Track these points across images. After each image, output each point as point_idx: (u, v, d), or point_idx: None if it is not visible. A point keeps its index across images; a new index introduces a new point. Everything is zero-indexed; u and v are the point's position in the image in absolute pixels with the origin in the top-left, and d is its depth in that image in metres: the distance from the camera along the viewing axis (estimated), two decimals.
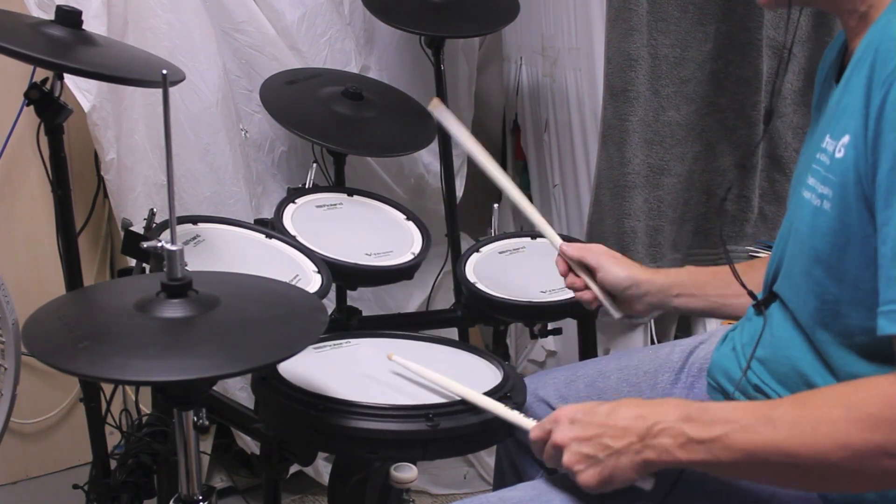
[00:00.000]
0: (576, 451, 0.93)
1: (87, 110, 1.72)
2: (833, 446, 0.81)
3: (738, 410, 0.88)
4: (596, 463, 0.91)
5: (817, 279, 0.93)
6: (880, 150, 0.83)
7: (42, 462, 2.00)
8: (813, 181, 0.94)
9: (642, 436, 0.89)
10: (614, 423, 0.91)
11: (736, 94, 2.00)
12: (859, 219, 0.87)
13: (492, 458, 1.87)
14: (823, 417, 0.82)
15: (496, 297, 1.53)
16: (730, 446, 0.85)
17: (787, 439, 0.82)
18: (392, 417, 1.05)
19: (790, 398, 0.91)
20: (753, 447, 0.84)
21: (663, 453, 0.89)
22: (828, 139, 0.92)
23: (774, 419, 0.84)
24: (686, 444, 0.87)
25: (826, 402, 0.83)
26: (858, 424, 0.80)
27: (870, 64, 0.85)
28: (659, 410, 0.90)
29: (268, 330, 0.96)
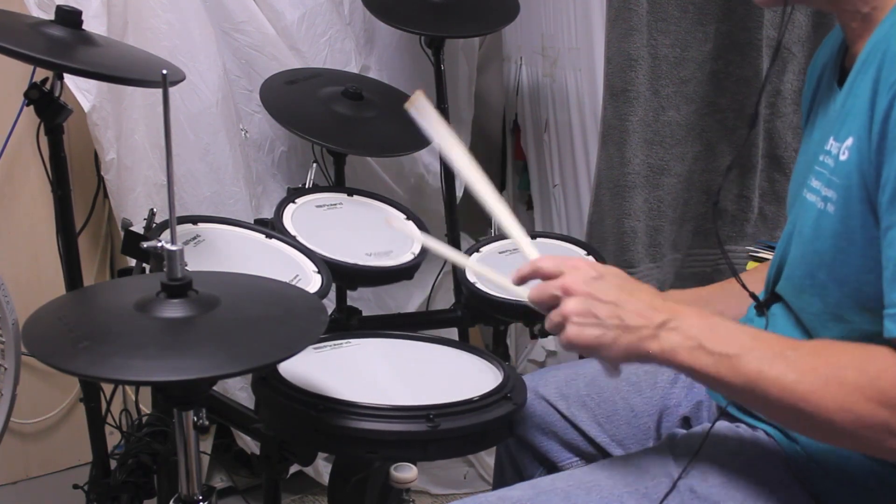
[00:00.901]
0: (586, 307, 0.89)
1: (87, 110, 1.72)
2: (838, 407, 0.81)
3: (757, 339, 0.87)
4: (600, 326, 0.89)
5: (820, 282, 0.93)
6: (886, 153, 0.83)
7: (42, 462, 2.00)
8: (817, 183, 0.94)
9: (658, 325, 0.88)
10: (637, 300, 0.89)
11: (736, 94, 2.00)
12: (863, 222, 0.87)
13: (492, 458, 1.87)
14: (836, 375, 0.82)
15: (496, 297, 1.53)
16: (737, 368, 0.85)
17: (796, 383, 0.82)
18: (392, 418, 1.05)
19: (810, 344, 0.90)
20: (760, 377, 0.84)
21: (668, 350, 0.88)
22: (832, 142, 0.92)
23: (789, 358, 0.84)
24: (695, 349, 0.87)
25: (842, 361, 0.83)
26: (867, 394, 0.80)
27: (876, 67, 0.85)
28: (684, 311, 0.89)
29: (268, 330, 0.96)
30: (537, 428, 1.24)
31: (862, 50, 0.92)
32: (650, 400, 1.22)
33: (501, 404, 1.10)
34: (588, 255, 1.69)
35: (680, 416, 1.21)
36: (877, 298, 0.85)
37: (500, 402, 1.11)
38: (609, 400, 1.24)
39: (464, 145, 1.20)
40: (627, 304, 0.89)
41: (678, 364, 0.88)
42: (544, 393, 1.27)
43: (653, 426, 1.21)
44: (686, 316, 0.89)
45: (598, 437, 1.22)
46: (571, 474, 1.03)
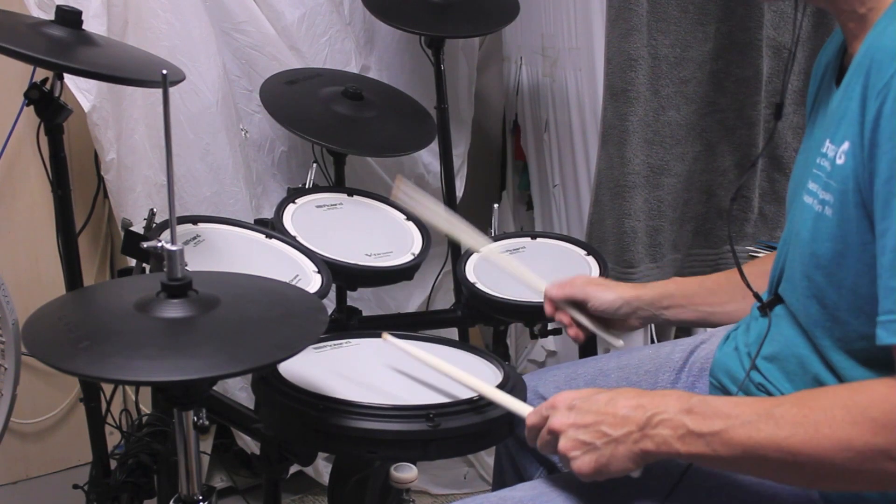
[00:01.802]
0: (572, 438, 0.92)
1: (87, 110, 1.72)
2: (835, 447, 0.81)
3: (739, 406, 0.88)
4: (592, 450, 0.91)
5: (818, 284, 0.93)
6: (876, 160, 0.83)
7: (42, 462, 2.00)
8: (814, 186, 0.94)
9: (642, 426, 0.89)
10: (614, 412, 0.91)
11: (736, 94, 2.00)
12: (858, 226, 0.87)
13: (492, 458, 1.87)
14: (825, 418, 0.82)
15: (496, 297, 1.53)
16: (729, 441, 0.85)
17: (788, 438, 0.82)
18: (392, 417, 1.05)
19: (792, 396, 0.91)
20: (753, 443, 0.84)
21: (662, 444, 0.88)
22: (829, 144, 0.92)
23: (776, 416, 0.84)
24: (685, 436, 0.87)
25: (828, 403, 0.83)
26: (860, 427, 0.80)
27: (866, 72, 0.85)
28: (659, 401, 0.90)
29: (268, 330, 0.96)
30: None
31: (857, 51, 0.92)
32: None
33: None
34: (588, 255, 1.69)
35: None
36: (871, 302, 0.86)
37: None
38: None
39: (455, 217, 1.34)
40: (607, 418, 0.91)
41: (676, 454, 0.89)
42: (544, 392, 1.27)
43: None
44: (665, 405, 0.90)
45: None
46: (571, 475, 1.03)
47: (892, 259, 0.81)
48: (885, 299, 0.82)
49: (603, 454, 0.91)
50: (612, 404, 0.92)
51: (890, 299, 0.82)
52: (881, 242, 0.83)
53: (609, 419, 0.91)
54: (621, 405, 0.91)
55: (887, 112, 0.82)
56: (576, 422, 0.92)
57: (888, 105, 0.82)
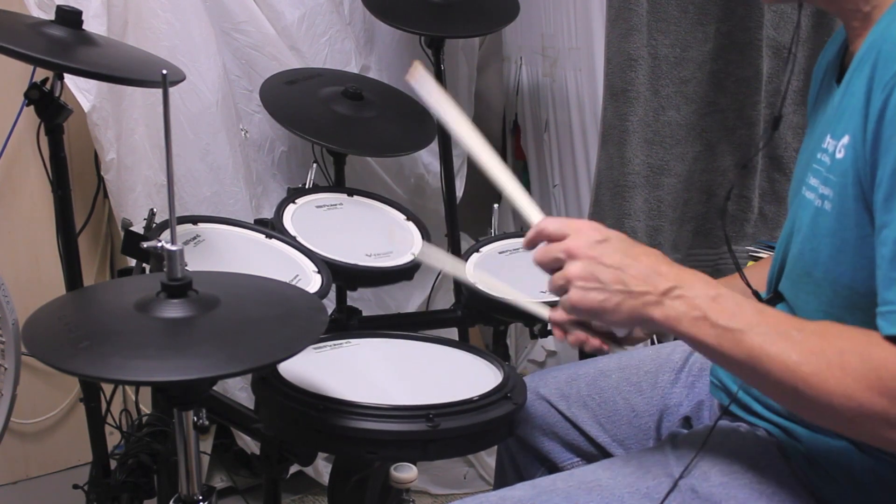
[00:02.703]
0: (589, 271, 0.89)
1: (87, 110, 1.72)
2: (839, 392, 0.80)
3: (762, 315, 0.86)
4: (602, 291, 0.89)
5: (816, 280, 0.93)
6: (880, 153, 0.83)
7: (42, 462, 2.00)
8: (814, 181, 0.94)
9: (662, 291, 0.88)
10: (642, 265, 0.89)
11: (736, 94, 2.00)
12: (857, 221, 0.87)
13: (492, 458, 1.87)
14: (839, 361, 0.81)
15: (496, 297, 1.53)
16: (740, 342, 0.84)
17: (798, 364, 0.82)
18: (392, 418, 1.05)
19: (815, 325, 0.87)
20: (762, 354, 0.84)
21: (671, 318, 0.87)
22: (829, 139, 0.92)
23: (794, 338, 0.83)
24: (699, 319, 0.86)
25: (847, 346, 0.82)
26: (868, 382, 0.80)
27: (871, 66, 0.85)
28: (688, 277, 0.88)
29: (268, 330, 0.96)
30: (538, 429, 1.24)
31: (860, 48, 0.92)
32: (651, 400, 1.22)
33: (501, 404, 1.10)
34: None
35: (681, 416, 1.21)
36: (868, 298, 0.86)
37: (500, 401, 1.11)
38: (610, 400, 1.24)
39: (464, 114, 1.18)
40: (632, 268, 0.89)
41: (680, 332, 0.87)
42: (545, 393, 1.27)
43: (653, 426, 1.21)
44: (692, 284, 0.88)
45: (599, 438, 1.22)
46: (572, 474, 1.03)
47: (892, 250, 0.81)
48: (885, 290, 0.82)
49: (610, 300, 0.88)
50: (641, 258, 0.89)
51: (891, 290, 0.81)
52: (883, 234, 0.82)
53: (634, 270, 0.88)
54: (650, 263, 0.89)
55: (893, 104, 0.81)
56: (599, 256, 0.89)
57: (894, 98, 0.81)
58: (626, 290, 0.88)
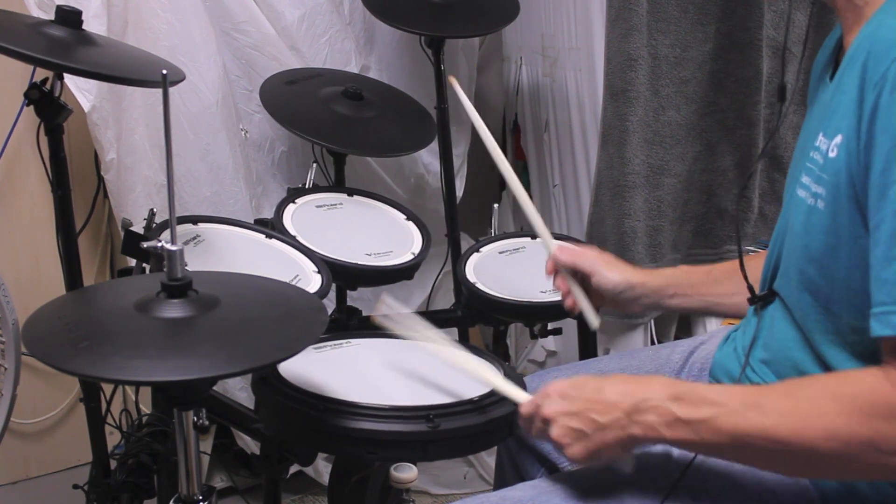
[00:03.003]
0: (563, 425, 0.94)
1: (87, 110, 1.72)
2: (822, 437, 0.81)
3: (726, 394, 0.89)
4: (583, 437, 0.93)
5: (810, 277, 0.93)
6: (873, 152, 0.83)
7: (42, 462, 2.00)
8: (807, 179, 0.94)
9: (629, 412, 0.91)
10: (602, 398, 0.93)
11: (736, 94, 2.00)
12: (850, 219, 0.87)
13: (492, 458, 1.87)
14: (813, 407, 0.83)
15: (496, 297, 1.53)
16: (716, 429, 0.86)
17: (776, 426, 0.83)
18: (392, 418, 1.05)
19: (780, 385, 0.92)
20: (740, 431, 0.85)
21: (649, 430, 0.90)
22: (821, 137, 0.92)
23: (763, 406, 0.85)
24: (672, 422, 0.88)
25: (816, 392, 0.84)
26: (847, 417, 0.81)
27: (862, 64, 0.85)
28: (647, 388, 0.92)
29: (268, 330, 0.96)
30: None
31: (851, 44, 0.92)
32: None
33: (501, 404, 1.10)
34: None
35: None
36: (863, 295, 0.86)
37: (500, 402, 1.10)
38: None
39: None
40: (596, 405, 0.93)
41: (664, 440, 0.90)
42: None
43: None
44: (652, 390, 0.91)
45: None
46: (572, 475, 1.04)
47: (885, 251, 0.81)
48: (878, 291, 0.82)
49: (592, 440, 0.92)
50: (601, 391, 0.93)
51: (883, 291, 0.82)
52: (875, 235, 0.83)
53: (597, 406, 0.92)
54: (610, 391, 0.93)
55: (884, 103, 0.82)
56: (566, 409, 0.94)
57: (885, 97, 0.82)
58: (599, 425, 0.92)
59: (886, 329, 0.81)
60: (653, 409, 0.89)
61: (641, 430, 0.90)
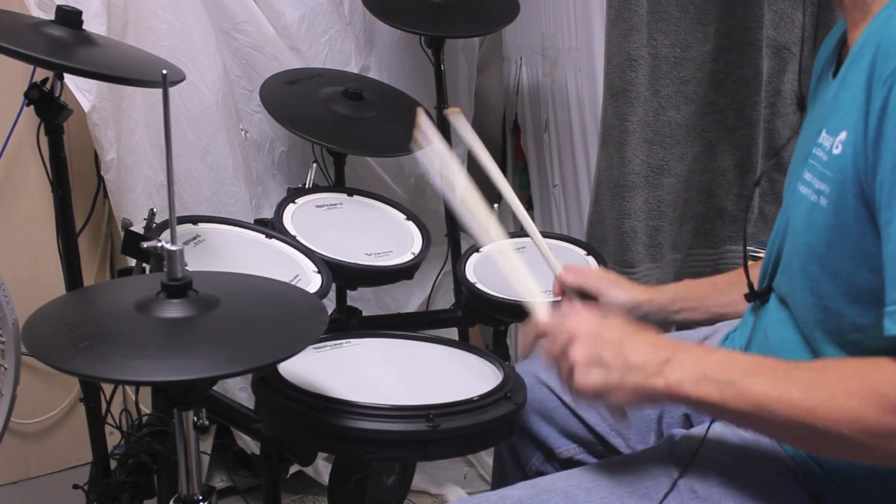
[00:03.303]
0: (590, 349, 0.91)
1: (87, 110, 1.72)
2: (845, 417, 0.81)
3: (758, 364, 0.88)
4: (605, 367, 0.90)
5: (812, 275, 0.93)
6: (882, 149, 0.82)
7: (42, 462, 2.00)
8: (809, 176, 0.94)
9: (662, 361, 0.89)
10: (640, 339, 0.91)
11: (736, 94, 2.00)
12: (856, 216, 0.87)
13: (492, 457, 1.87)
14: (840, 387, 0.82)
15: (496, 297, 1.53)
16: (742, 392, 0.85)
17: (802, 399, 0.82)
18: (392, 418, 1.05)
19: (809, 362, 0.90)
20: (766, 398, 0.84)
21: (674, 384, 0.88)
22: (825, 134, 0.92)
23: (792, 377, 0.84)
24: (700, 380, 0.87)
25: (844, 373, 0.84)
26: (872, 402, 0.80)
27: (870, 61, 0.85)
28: (684, 346, 0.91)
29: (268, 330, 0.96)
30: (537, 413, 1.24)
31: (856, 41, 0.92)
32: None
33: (501, 404, 1.10)
34: (588, 255, 1.69)
35: (681, 413, 1.21)
36: (868, 291, 0.85)
37: (499, 402, 1.11)
38: None
39: None
40: (631, 343, 0.91)
41: (684, 397, 0.89)
42: (546, 379, 1.26)
43: (654, 418, 1.21)
44: (688, 350, 0.90)
45: (598, 426, 1.22)
46: (571, 474, 1.03)
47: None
48: (892, 289, 0.81)
49: (613, 377, 0.90)
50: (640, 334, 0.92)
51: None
52: (886, 231, 0.82)
53: (634, 344, 0.90)
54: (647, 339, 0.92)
55: (894, 100, 0.81)
56: (600, 332, 0.91)
57: (895, 94, 0.81)
58: (627, 363, 0.90)
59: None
60: (683, 364, 0.88)
61: (665, 382, 0.88)
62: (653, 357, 0.89)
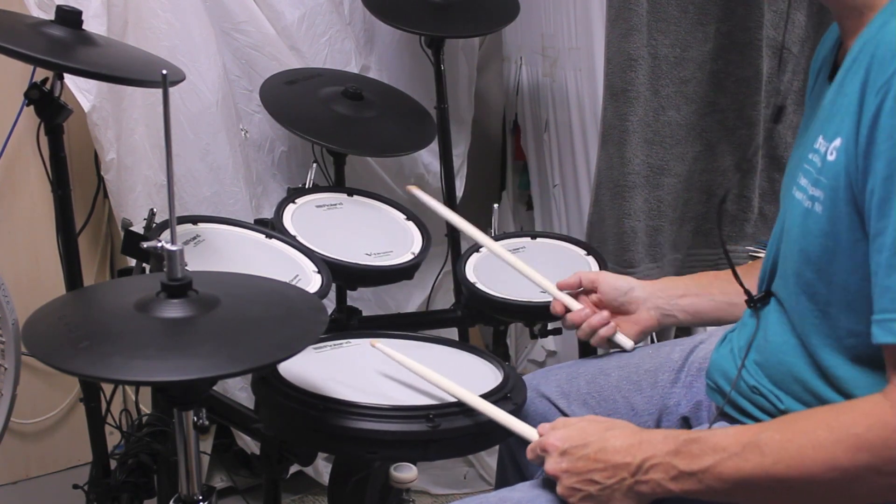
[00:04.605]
0: (568, 486, 0.95)
1: (87, 110, 1.72)
2: (821, 468, 0.82)
3: (726, 438, 0.89)
4: (589, 497, 0.94)
5: (807, 280, 0.93)
6: (873, 158, 0.83)
7: (42, 462, 2.00)
8: (804, 182, 0.94)
9: (633, 472, 0.91)
10: (604, 459, 0.93)
11: (736, 94, 2.00)
12: (849, 223, 0.87)
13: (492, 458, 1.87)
14: (809, 440, 0.83)
15: (496, 297, 1.53)
16: (720, 476, 0.87)
17: (775, 464, 0.84)
18: (392, 418, 1.05)
19: (776, 422, 0.93)
20: (743, 475, 0.86)
21: (656, 487, 0.91)
22: (821, 140, 0.92)
23: (761, 445, 0.85)
24: (677, 477, 0.89)
25: (811, 426, 0.85)
26: (844, 445, 0.81)
27: (865, 68, 0.85)
28: (647, 446, 0.92)
29: (268, 330, 0.96)
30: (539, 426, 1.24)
31: (852, 46, 0.92)
32: (650, 399, 1.22)
33: (501, 404, 1.10)
34: (588, 255, 1.69)
35: (680, 416, 1.21)
36: (861, 298, 0.86)
37: (500, 402, 1.10)
38: (610, 399, 1.24)
39: None
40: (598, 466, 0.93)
41: (672, 492, 0.91)
42: (545, 391, 1.27)
43: (653, 425, 1.21)
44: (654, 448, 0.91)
45: None
46: None
47: (888, 258, 0.81)
48: (880, 298, 0.82)
49: (600, 500, 0.93)
50: (602, 452, 0.93)
51: (886, 298, 0.82)
52: (878, 241, 0.82)
53: (600, 467, 0.93)
54: (611, 451, 0.93)
55: (887, 110, 0.81)
56: (569, 469, 0.95)
57: (888, 103, 0.81)
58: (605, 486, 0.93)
59: (888, 336, 0.81)
60: (656, 467, 0.90)
61: (649, 488, 0.91)
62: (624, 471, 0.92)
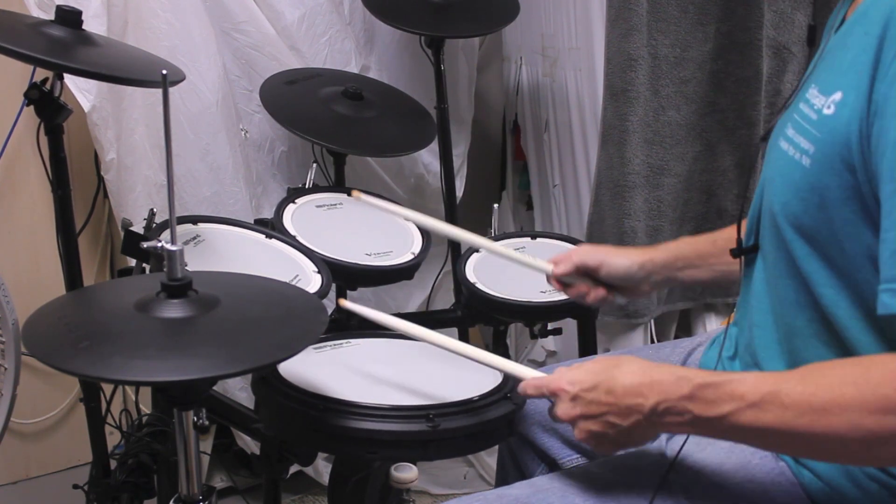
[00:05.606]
0: (584, 429, 0.92)
1: (87, 110, 1.72)
2: (846, 428, 0.78)
3: (743, 385, 0.84)
4: (608, 438, 0.91)
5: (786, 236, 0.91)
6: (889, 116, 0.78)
7: (42, 462, 2.00)
8: (793, 132, 0.91)
9: (647, 415, 0.88)
10: (617, 402, 0.90)
11: (736, 94, 2.00)
12: (840, 181, 0.84)
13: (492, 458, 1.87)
14: (835, 398, 0.79)
15: (496, 297, 1.53)
16: (736, 424, 0.84)
17: (797, 418, 0.80)
18: (392, 418, 1.05)
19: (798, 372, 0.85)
20: (762, 425, 0.82)
21: (672, 427, 0.89)
22: (814, 91, 0.88)
23: (782, 396, 0.81)
24: (693, 421, 0.87)
25: (837, 381, 0.80)
26: (872, 406, 0.77)
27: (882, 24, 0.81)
28: (658, 388, 0.88)
29: (268, 330, 0.96)
30: (539, 425, 1.24)
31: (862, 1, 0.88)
32: None
33: (501, 404, 1.10)
34: None
35: None
36: (841, 258, 0.84)
37: (500, 402, 1.11)
38: None
39: None
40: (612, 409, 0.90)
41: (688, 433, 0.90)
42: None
43: None
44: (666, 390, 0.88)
45: None
46: (569, 473, 1.04)
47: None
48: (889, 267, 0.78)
49: (618, 440, 0.91)
50: (612, 393, 0.90)
51: (894, 267, 0.78)
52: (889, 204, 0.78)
53: (615, 410, 0.90)
54: (621, 393, 0.90)
55: None
56: (583, 413, 0.92)
57: None
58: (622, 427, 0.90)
59: None
60: (670, 409, 0.87)
61: (665, 427, 0.90)
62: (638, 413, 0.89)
